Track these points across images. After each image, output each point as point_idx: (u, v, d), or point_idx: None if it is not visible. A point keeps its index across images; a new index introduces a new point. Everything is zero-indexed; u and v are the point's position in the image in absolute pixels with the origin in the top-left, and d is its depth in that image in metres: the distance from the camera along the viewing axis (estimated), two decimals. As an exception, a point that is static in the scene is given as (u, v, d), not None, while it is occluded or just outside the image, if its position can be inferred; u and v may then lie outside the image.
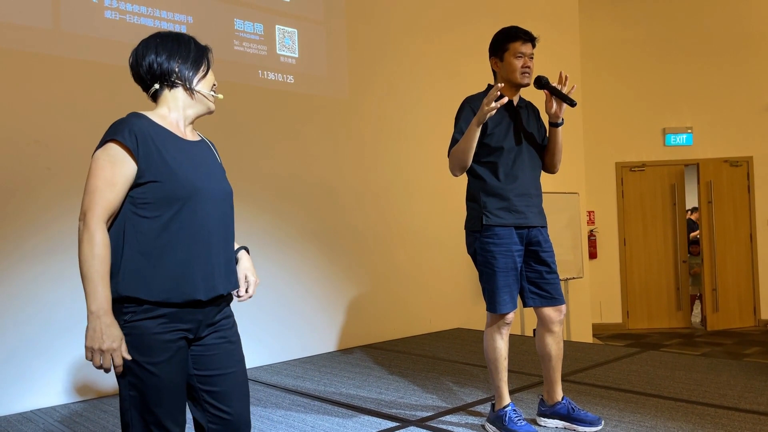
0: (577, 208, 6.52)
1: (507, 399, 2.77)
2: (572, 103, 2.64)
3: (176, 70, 1.70)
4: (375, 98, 5.13)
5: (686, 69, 8.10)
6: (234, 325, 1.79)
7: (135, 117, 1.63)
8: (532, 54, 2.74)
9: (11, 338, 3.28)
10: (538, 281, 2.78)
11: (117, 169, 1.55)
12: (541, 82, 2.74)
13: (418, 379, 3.80)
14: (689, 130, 8.11)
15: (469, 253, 2.84)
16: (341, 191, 4.86)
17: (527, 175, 2.76)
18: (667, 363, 4.06)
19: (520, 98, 2.88)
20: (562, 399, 2.84)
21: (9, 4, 3.35)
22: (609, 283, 8.22)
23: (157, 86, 1.72)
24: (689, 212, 11.77)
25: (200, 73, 1.74)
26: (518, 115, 2.80)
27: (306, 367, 4.17)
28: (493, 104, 2.49)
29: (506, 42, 2.74)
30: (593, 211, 8.17)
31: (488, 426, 2.82)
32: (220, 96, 1.79)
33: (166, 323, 1.58)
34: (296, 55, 4.60)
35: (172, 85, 1.71)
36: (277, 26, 4.49)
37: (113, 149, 1.56)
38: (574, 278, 6.49)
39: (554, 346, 2.82)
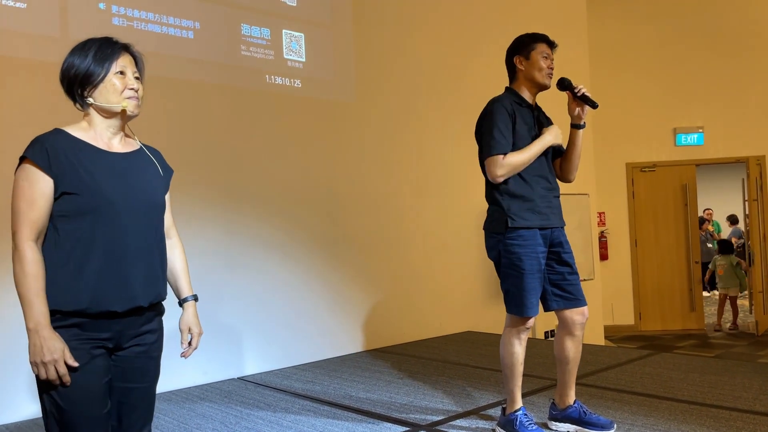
0: (587, 209, 6.47)
1: (519, 403, 2.74)
2: (594, 105, 2.67)
3: (74, 85, 1.69)
4: (382, 102, 5.12)
5: (696, 68, 8.04)
6: (159, 339, 1.79)
7: (51, 133, 1.64)
8: (553, 59, 2.77)
9: None
10: (561, 283, 2.75)
11: (34, 187, 1.58)
12: (564, 84, 2.75)
13: (429, 382, 3.78)
14: (700, 130, 8.05)
15: (490, 256, 2.79)
16: (350, 195, 4.85)
17: (548, 177, 2.75)
18: (681, 365, 4.02)
19: (536, 103, 2.87)
20: (574, 403, 2.80)
21: (17, 13, 3.38)
22: (620, 285, 8.16)
23: (72, 101, 1.72)
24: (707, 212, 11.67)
25: (95, 82, 1.67)
26: (537, 116, 2.80)
27: (316, 372, 4.16)
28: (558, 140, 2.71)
29: (533, 42, 2.75)
30: (604, 212, 8.12)
31: (498, 430, 2.79)
32: (124, 104, 1.69)
33: (82, 333, 1.60)
34: (303, 60, 4.60)
35: (75, 101, 1.72)
36: (284, 31, 4.50)
37: (27, 168, 1.59)
38: (585, 280, 6.42)
39: (573, 349, 2.77)
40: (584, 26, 7.38)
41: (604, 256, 8.01)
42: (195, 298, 1.93)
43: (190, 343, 1.90)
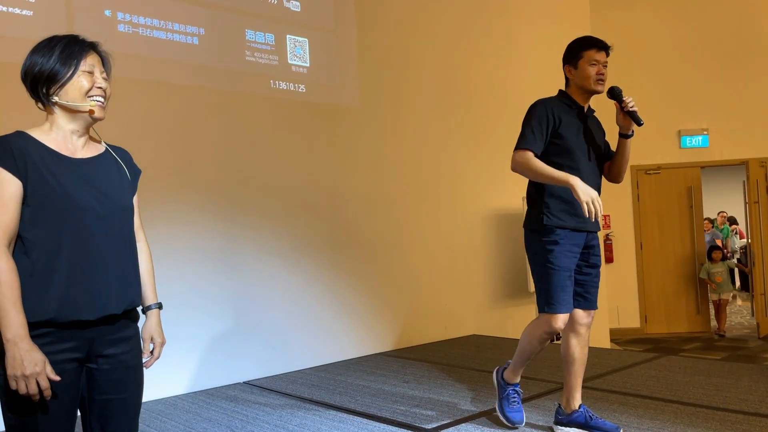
0: (592, 212, 6.46)
1: (516, 379, 2.92)
2: (640, 123, 2.70)
3: (38, 83, 1.61)
4: (386, 106, 5.13)
5: (701, 70, 8.02)
6: (135, 347, 1.72)
7: (14, 136, 1.58)
8: (606, 62, 2.75)
9: None
10: (587, 284, 2.77)
11: (4, 190, 1.52)
12: (614, 93, 2.77)
13: (434, 386, 3.78)
14: (705, 132, 8.03)
15: (528, 253, 2.81)
16: (354, 199, 4.86)
17: (590, 181, 2.71)
18: (687, 368, 4.01)
19: (589, 106, 2.89)
20: (580, 407, 2.79)
21: (24, 21, 3.40)
22: (626, 288, 8.14)
23: (34, 101, 1.65)
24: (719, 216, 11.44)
25: (62, 81, 1.60)
26: (587, 121, 2.81)
27: (321, 376, 4.16)
28: (589, 205, 2.47)
29: (581, 50, 2.75)
30: (609, 215, 8.11)
31: (495, 380, 3.01)
32: (92, 104, 1.63)
33: (53, 343, 1.54)
34: (307, 65, 4.62)
35: (38, 101, 1.64)
36: (288, 36, 4.52)
37: None
38: (590, 283, 6.42)
39: (578, 349, 2.79)
40: (587, 29, 7.38)
41: (609, 259, 7.99)
42: (159, 306, 1.84)
43: (152, 352, 1.81)
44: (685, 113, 8.07)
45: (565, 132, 2.71)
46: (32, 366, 1.46)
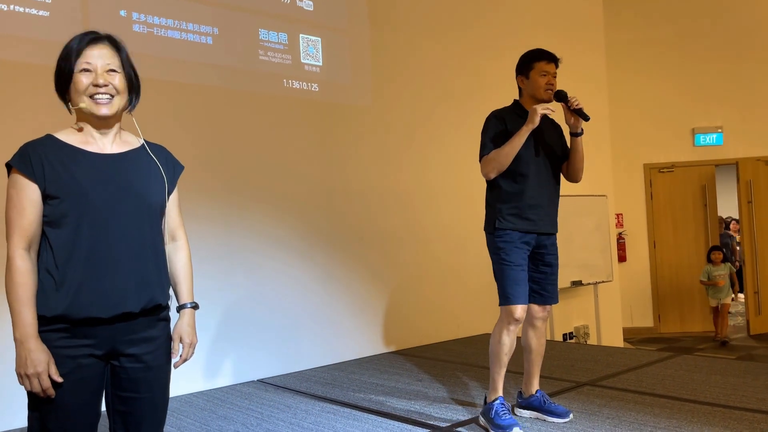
0: (605, 210, 6.44)
1: (499, 392, 2.93)
2: (586, 118, 2.87)
3: (57, 88, 1.66)
4: (399, 105, 5.13)
5: (715, 67, 7.96)
6: (160, 347, 1.70)
7: (36, 140, 1.62)
8: (555, 73, 2.97)
9: None
10: (543, 281, 3.00)
11: (22, 195, 1.56)
12: (560, 96, 2.94)
13: (448, 385, 3.78)
14: (719, 130, 7.97)
15: (489, 253, 3.03)
16: (367, 198, 4.87)
17: (542, 185, 2.95)
18: (702, 367, 3.98)
19: None
20: (536, 392, 3.05)
21: (40, 21, 3.44)
22: (639, 287, 8.09)
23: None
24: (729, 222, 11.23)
25: (67, 82, 1.63)
26: (539, 128, 2.93)
27: (334, 374, 4.17)
28: (542, 110, 2.76)
29: (532, 61, 2.97)
30: (622, 214, 8.07)
31: (480, 418, 2.98)
32: (82, 104, 1.62)
33: (68, 338, 1.56)
34: (320, 64, 4.63)
35: (65, 104, 1.68)
36: (301, 35, 4.53)
37: (14, 177, 1.58)
38: (603, 282, 6.40)
39: (535, 340, 3.06)
40: (601, 27, 7.34)
41: (622, 258, 7.95)
42: (194, 306, 1.80)
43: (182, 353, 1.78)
44: (699, 111, 8.02)
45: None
46: (34, 366, 1.51)
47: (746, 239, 7.80)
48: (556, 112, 2.87)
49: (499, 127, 2.93)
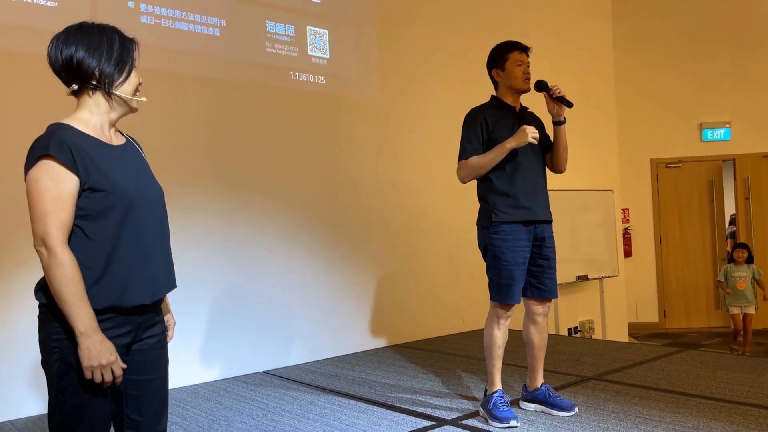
0: (611, 205, 6.42)
1: (497, 385, 2.95)
2: (569, 105, 2.87)
3: (96, 72, 1.60)
4: (405, 98, 5.12)
5: (723, 62, 7.91)
6: (163, 329, 1.78)
7: (61, 129, 1.57)
8: (529, 62, 2.96)
9: None
10: (540, 275, 2.97)
11: (61, 186, 1.51)
12: (540, 86, 2.95)
13: (453, 378, 3.79)
14: (727, 125, 7.93)
15: (479, 248, 3.05)
16: (373, 191, 4.87)
17: (532, 174, 2.93)
18: (708, 362, 3.97)
19: (521, 105, 3.07)
20: (542, 385, 3.06)
21: (48, 11, 3.44)
22: (645, 282, 8.07)
23: (75, 87, 1.63)
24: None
25: (123, 75, 1.64)
26: (521, 119, 2.95)
27: (339, 366, 4.18)
28: (532, 136, 2.77)
29: (506, 53, 2.95)
30: (628, 209, 8.04)
31: (481, 409, 3.00)
32: (143, 99, 1.71)
33: (111, 329, 1.58)
34: (327, 56, 4.62)
35: (93, 89, 1.62)
36: (308, 27, 4.52)
37: (51, 167, 1.51)
38: (608, 277, 6.39)
39: (537, 335, 3.05)
40: (609, 21, 7.30)
41: (628, 253, 7.93)
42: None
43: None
44: (706, 106, 7.97)
45: (499, 134, 2.91)
46: (108, 356, 1.51)
47: (743, 236, 7.77)
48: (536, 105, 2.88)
49: (481, 126, 2.91)
